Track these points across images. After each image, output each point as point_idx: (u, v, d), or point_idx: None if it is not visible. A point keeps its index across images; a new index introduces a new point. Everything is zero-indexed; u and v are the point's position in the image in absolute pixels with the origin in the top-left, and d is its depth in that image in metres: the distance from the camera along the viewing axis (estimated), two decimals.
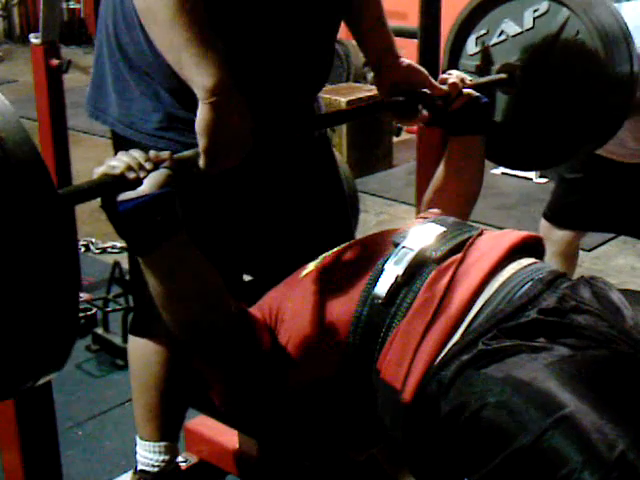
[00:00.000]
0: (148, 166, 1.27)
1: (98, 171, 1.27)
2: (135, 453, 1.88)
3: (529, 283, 1.34)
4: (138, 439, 1.87)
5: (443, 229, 1.46)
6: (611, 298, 1.32)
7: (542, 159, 2.13)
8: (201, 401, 1.61)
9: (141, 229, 1.27)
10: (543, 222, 2.75)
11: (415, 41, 2.52)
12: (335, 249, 1.53)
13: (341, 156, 1.45)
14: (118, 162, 1.27)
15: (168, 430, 1.86)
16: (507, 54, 2.06)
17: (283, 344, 1.42)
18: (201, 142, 1.40)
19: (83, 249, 3.94)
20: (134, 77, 1.59)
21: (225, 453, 1.94)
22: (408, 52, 3.24)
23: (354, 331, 1.38)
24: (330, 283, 1.44)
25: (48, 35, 3.05)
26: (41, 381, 1.13)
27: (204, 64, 1.38)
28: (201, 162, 1.40)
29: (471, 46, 2.14)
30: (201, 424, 2.02)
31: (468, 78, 1.85)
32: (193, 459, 2.02)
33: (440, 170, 1.81)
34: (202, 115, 1.39)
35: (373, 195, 4.37)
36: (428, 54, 2.43)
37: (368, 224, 3.96)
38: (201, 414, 1.94)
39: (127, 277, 3.06)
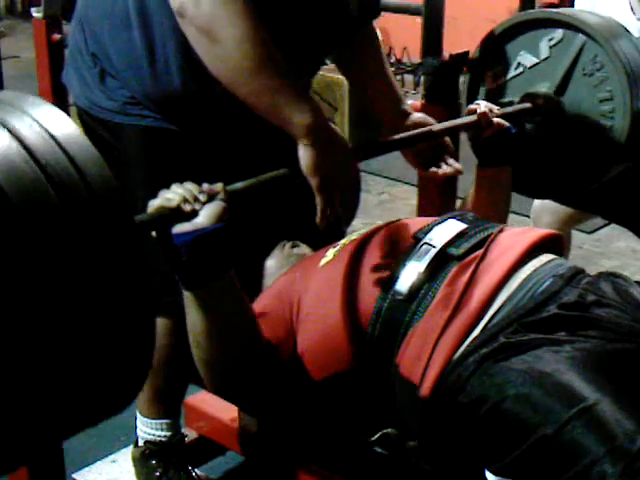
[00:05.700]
0: (202, 198, 1.26)
1: (154, 204, 1.24)
2: (135, 427, 1.89)
3: (550, 280, 1.34)
4: (139, 415, 1.87)
5: (464, 226, 1.45)
6: (632, 293, 1.32)
7: (568, 188, 2.09)
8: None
9: (197, 263, 1.25)
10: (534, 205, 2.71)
11: (419, 18, 2.50)
12: (354, 236, 1.52)
13: (343, 135, 1.46)
14: (173, 194, 1.25)
15: (171, 408, 1.87)
16: (527, 85, 2.04)
17: (302, 345, 1.42)
18: (314, 182, 1.42)
19: None
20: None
21: (225, 429, 1.94)
22: (412, 29, 3.22)
23: (373, 324, 1.37)
24: (351, 274, 1.42)
25: (50, 9, 3.04)
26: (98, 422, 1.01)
27: (301, 104, 1.40)
28: (318, 201, 1.42)
29: (488, 82, 2.11)
30: (201, 400, 2.01)
31: (496, 108, 1.81)
32: (193, 435, 2.02)
33: (469, 199, 1.79)
34: (308, 156, 1.41)
35: (375, 175, 4.33)
36: (432, 31, 2.42)
37: (369, 204, 3.94)
38: (201, 390, 1.94)
39: None
